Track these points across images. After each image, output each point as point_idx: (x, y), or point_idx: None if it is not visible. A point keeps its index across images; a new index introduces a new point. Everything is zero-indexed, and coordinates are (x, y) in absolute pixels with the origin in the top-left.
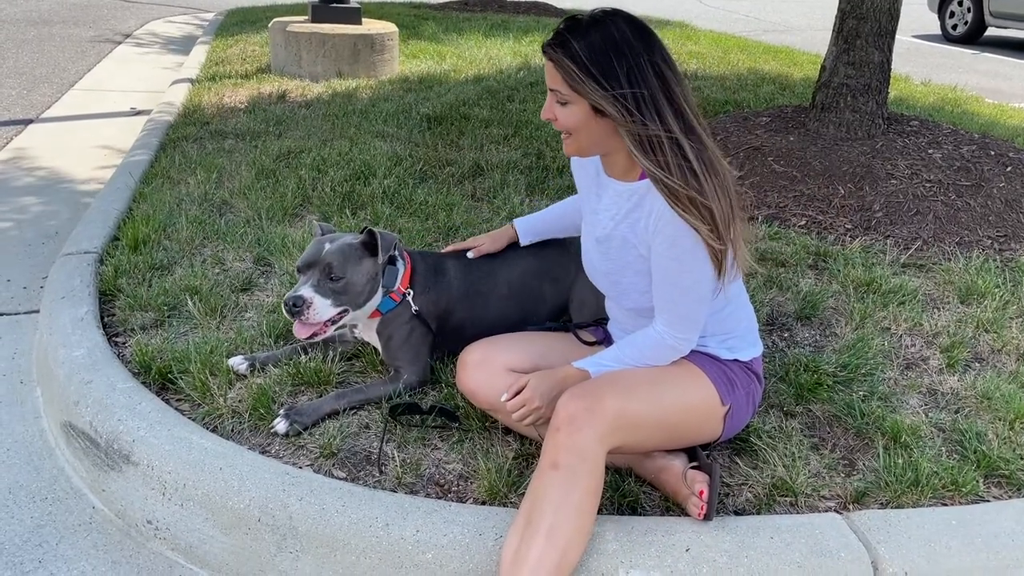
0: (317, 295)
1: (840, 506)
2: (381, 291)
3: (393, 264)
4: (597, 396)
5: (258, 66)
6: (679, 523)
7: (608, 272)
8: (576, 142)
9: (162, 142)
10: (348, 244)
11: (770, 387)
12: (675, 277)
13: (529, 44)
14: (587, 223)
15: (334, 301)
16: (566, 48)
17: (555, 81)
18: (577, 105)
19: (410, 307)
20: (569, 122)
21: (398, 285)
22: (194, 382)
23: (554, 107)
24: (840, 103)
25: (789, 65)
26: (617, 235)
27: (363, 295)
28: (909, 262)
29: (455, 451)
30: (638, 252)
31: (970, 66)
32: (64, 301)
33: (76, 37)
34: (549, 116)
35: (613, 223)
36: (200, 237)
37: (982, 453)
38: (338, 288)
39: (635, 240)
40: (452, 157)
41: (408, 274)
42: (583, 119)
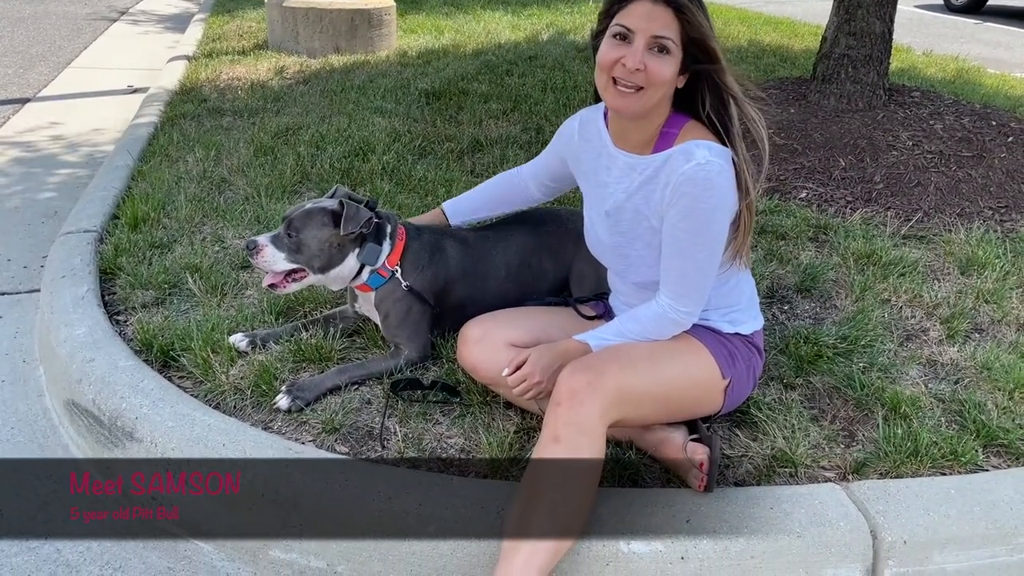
0: (271, 245)
1: (840, 477)
2: (355, 263)
3: (379, 242)
4: (598, 370)
5: (255, 42)
6: (680, 495)
7: (616, 245)
8: (645, 98)
9: (160, 120)
10: (320, 208)
11: (770, 359)
12: (686, 248)
13: (527, 18)
14: (592, 197)
15: (287, 256)
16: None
17: (667, 27)
18: (675, 57)
19: (400, 283)
20: (664, 73)
21: (382, 261)
22: (196, 359)
23: (646, 56)
24: (841, 74)
25: (790, 36)
26: (629, 207)
27: (318, 259)
28: (910, 234)
29: (456, 426)
30: (650, 224)
31: (972, 36)
32: (65, 280)
33: (72, 15)
34: (639, 66)
35: (626, 195)
36: (199, 215)
37: (981, 423)
38: (291, 245)
39: (648, 211)
40: (451, 133)
41: (399, 250)
42: (673, 72)
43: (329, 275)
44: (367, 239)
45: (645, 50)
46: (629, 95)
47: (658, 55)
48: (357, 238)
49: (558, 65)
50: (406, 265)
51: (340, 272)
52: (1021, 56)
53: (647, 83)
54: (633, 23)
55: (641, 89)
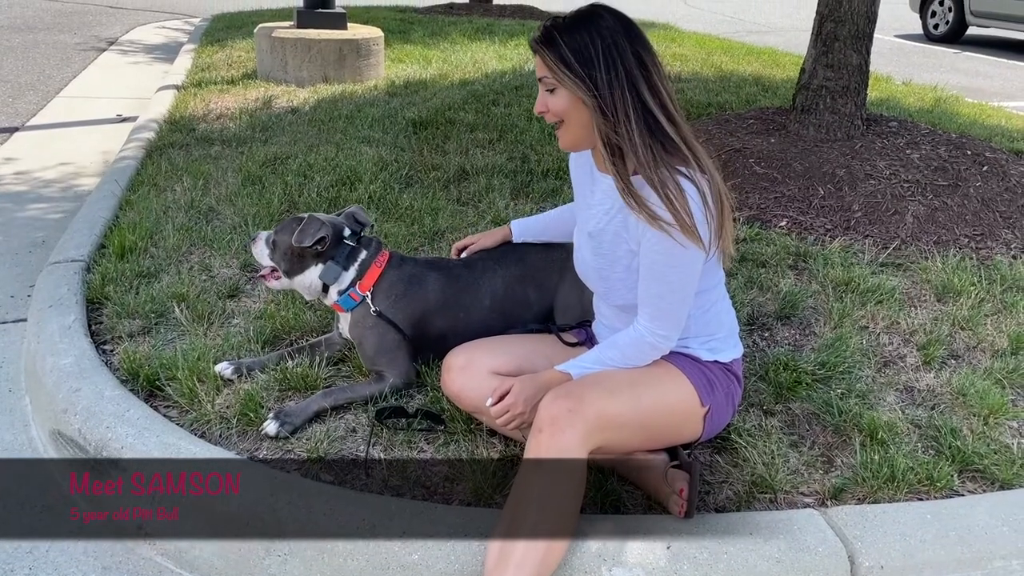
0: (263, 241)
1: (818, 502)
2: (316, 279)
3: (347, 266)
4: (578, 397)
5: (244, 72)
6: (660, 521)
7: (599, 268)
8: (568, 132)
9: (148, 149)
10: (297, 218)
11: (750, 386)
12: (661, 271)
13: (515, 48)
14: (580, 219)
15: (270, 253)
16: (550, 39)
17: (541, 69)
18: (563, 92)
19: (370, 308)
20: (558, 107)
21: (345, 284)
22: (182, 388)
23: (544, 97)
24: (819, 105)
25: (771, 66)
26: (610, 229)
27: (284, 263)
28: (887, 261)
29: (440, 453)
30: (628, 247)
31: (952, 65)
32: (52, 309)
33: (61, 44)
34: (542, 109)
35: (607, 217)
36: (187, 244)
37: (957, 448)
38: (271, 244)
39: (626, 235)
40: (438, 162)
41: (374, 277)
42: (570, 104)
43: (294, 281)
44: (335, 259)
45: (544, 92)
46: (558, 131)
47: (550, 95)
48: (319, 255)
49: None
50: (379, 292)
51: (303, 282)
52: (999, 85)
53: (555, 119)
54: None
55: (562, 122)
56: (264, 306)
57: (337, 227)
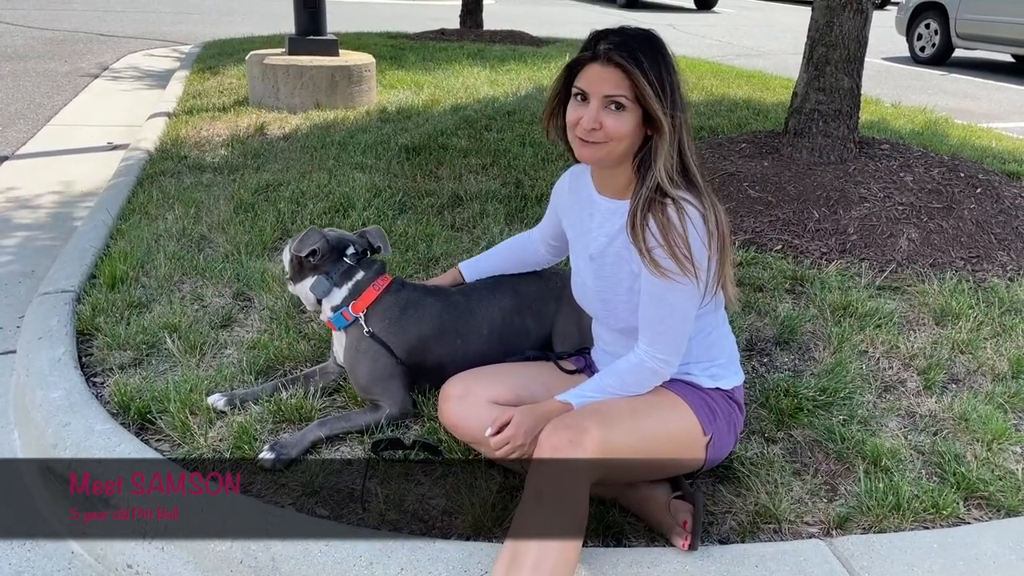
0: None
1: (823, 532)
2: (308, 291)
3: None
4: (579, 428)
5: (236, 99)
6: (664, 554)
7: (600, 290)
8: (606, 150)
9: (139, 177)
10: (311, 229)
11: (751, 413)
12: (662, 293)
13: (506, 73)
14: (578, 244)
15: (288, 258)
16: (635, 56)
17: (618, 87)
18: (631, 113)
19: (363, 329)
20: (620, 130)
21: (335, 301)
22: (174, 422)
23: (601, 114)
24: (812, 128)
25: (762, 89)
26: (611, 251)
27: (289, 269)
28: (884, 284)
29: (438, 485)
30: (631, 268)
31: (939, 87)
32: (41, 341)
33: (52, 72)
34: (595, 125)
35: (607, 239)
36: (179, 273)
37: (961, 475)
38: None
39: (629, 257)
40: (431, 188)
41: (369, 298)
42: (633, 128)
43: (296, 288)
44: (329, 274)
45: (601, 108)
46: (592, 145)
47: (615, 112)
48: (315, 268)
49: (536, 119)
50: (374, 314)
51: (301, 290)
52: (987, 106)
53: (606, 138)
54: (587, 85)
55: (603, 143)
56: (257, 336)
57: (340, 243)
